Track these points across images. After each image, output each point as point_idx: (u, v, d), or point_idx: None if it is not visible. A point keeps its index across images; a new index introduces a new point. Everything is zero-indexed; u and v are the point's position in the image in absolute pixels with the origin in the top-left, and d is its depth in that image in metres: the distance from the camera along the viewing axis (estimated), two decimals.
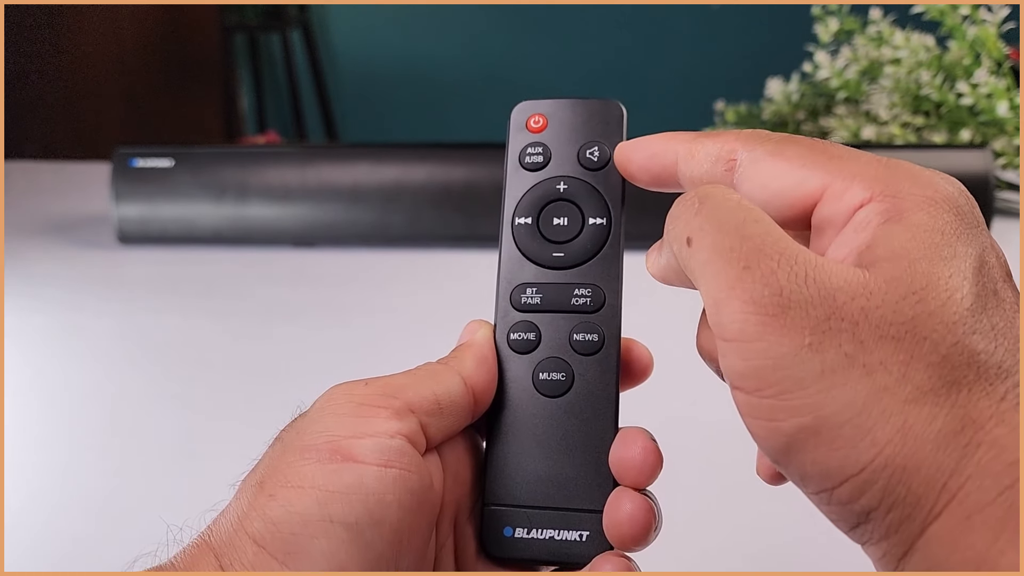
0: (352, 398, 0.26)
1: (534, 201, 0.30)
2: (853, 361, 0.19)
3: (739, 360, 0.20)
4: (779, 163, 0.23)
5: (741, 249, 0.21)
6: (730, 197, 0.23)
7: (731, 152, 0.25)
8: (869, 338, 0.19)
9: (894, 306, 0.20)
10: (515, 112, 0.31)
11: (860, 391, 0.19)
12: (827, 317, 0.20)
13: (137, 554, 0.24)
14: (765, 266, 0.20)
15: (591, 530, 0.27)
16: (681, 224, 0.23)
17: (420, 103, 2.62)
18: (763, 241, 0.21)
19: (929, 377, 0.19)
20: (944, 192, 0.22)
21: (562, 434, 0.28)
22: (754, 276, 0.20)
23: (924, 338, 0.19)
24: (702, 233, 0.22)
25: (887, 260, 0.20)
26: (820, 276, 0.20)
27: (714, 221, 0.22)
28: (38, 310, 0.71)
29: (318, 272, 0.79)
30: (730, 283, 0.21)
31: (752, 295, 0.20)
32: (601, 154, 0.29)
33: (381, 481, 0.24)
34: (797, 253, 0.21)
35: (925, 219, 0.21)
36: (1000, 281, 0.21)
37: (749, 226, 0.21)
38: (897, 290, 0.20)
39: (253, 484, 0.24)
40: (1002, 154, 0.86)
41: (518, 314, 0.29)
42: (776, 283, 0.20)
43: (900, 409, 0.19)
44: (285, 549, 0.22)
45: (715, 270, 0.21)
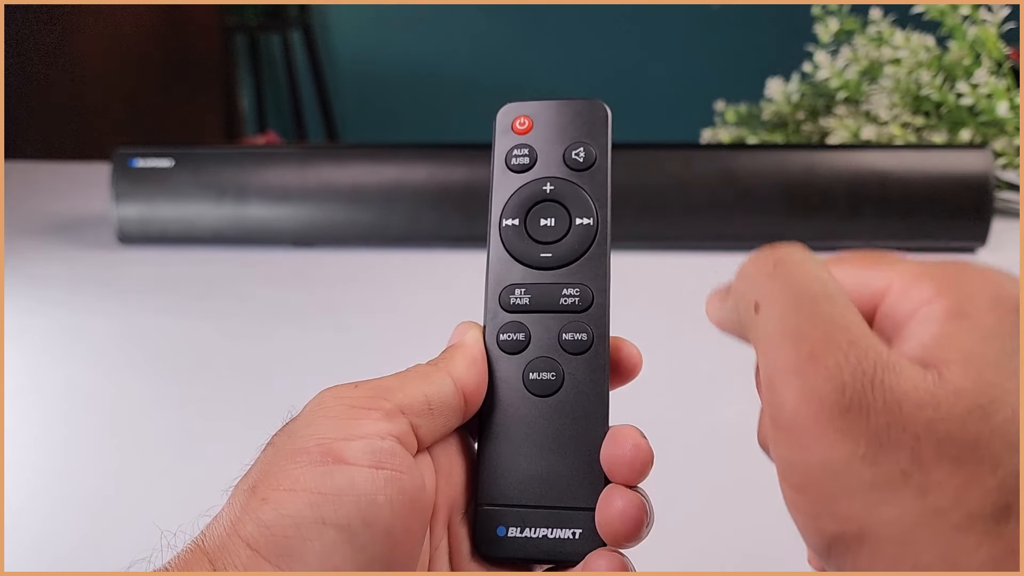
0: (342, 401, 0.26)
1: (521, 202, 0.30)
2: (908, 479, 0.18)
3: (787, 452, 0.20)
4: (843, 266, 0.23)
5: (810, 332, 0.20)
6: (807, 267, 0.22)
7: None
8: (929, 456, 0.18)
9: (959, 421, 0.18)
10: (500, 114, 0.31)
11: (910, 511, 0.18)
12: (887, 426, 0.18)
13: (133, 559, 0.24)
14: (832, 359, 0.19)
15: (584, 528, 0.27)
16: (751, 285, 0.22)
17: (420, 103, 2.62)
18: (834, 326, 0.20)
19: (982, 504, 0.18)
20: (1011, 292, 0.20)
21: (553, 433, 0.28)
22: (818, 368, 0.19)
23: (984, 460, 0.18)
24: (771, 302, 0.21)
25: (955, 363, 0.19)
26: (888, 379, 0.19)
27: (786, 292, 0.21)
28: (38, 310, 0.71)
29: (318, 272, 0.79)
30: (793, 368, 0.20)
31: (813, 387, 0.19)
32: (587, 154, 0.30)
33: (373, 482, 0.24)
34: (868, 348, 0.19)
35: (993, 321, 0.20)
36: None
37: (822, 305, 0.20)
38: (963, 402, 0.19)
39: (246, 488, 0.24)
40: (1002, 154, 0.86)
41: (507, 315, 0.29)
42: (840, 380, 0.19)
43: (948, 535, 0.18)
44: (278, 552, 0.23)
45: (779, 350, 0.20)
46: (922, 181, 0.74)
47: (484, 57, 2.56)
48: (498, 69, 2.55)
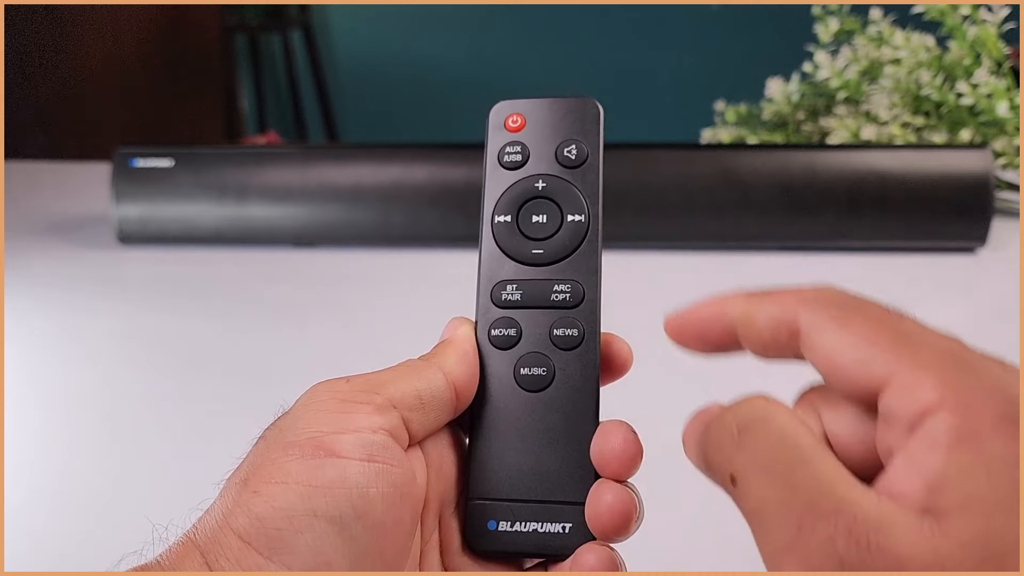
0: (334, 395, 0.26)
1: (513, 199, 0.30)
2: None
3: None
4: (844, 336, 0.22)
5: (792, 504, 0.19)
6: (772, 426, 0.21)
7: (793, 317, 0.23)
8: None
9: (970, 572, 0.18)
10: (493, 112, 0.31)
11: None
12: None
13: (124, 553, 0.24)
14: (822, 531, 0.19)
15: (574, 522, 0.27)
16: (722, 458, 0.22)
17: (420, 103, 2.62)
18: (816, 493, 0.19)
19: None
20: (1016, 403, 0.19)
21: (544, 428, 0.28)
22: (809, 543, 0.19)
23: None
24: (746, 476, 0.21)
25: (960, 511, 0.18)
26: (885, 543, 0.18)
27: (758, 462, 0.21)
28: (38, 310, 0.71)
29: (318, 272, 0.79)
30: (785, 545, 0.19)
31: (810, 564, 0.19)
32: (578, 152, 0.30)
33: (364, 475, 0.24)
34: (855, 510, 0.19)
35: (1000, 448, 0.19)
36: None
37: (797, 471, 0.20)
38: (972, 555, 0.18)
39: (237, 481, 0.24)
40: (1002, 154, 0.86)
41: (499, 310, 0.29)
42: (836, 553, 0.18)
43: None
44: (270, 544, 0.23)
45: (766, 525, 0.20)
46: (922, 181, 0.74)
47: (484, 57, 2.56)
48: (498, 69, 2.55)
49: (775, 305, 0.23)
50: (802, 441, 0.21)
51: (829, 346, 0.22)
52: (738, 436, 0.22)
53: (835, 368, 0.22)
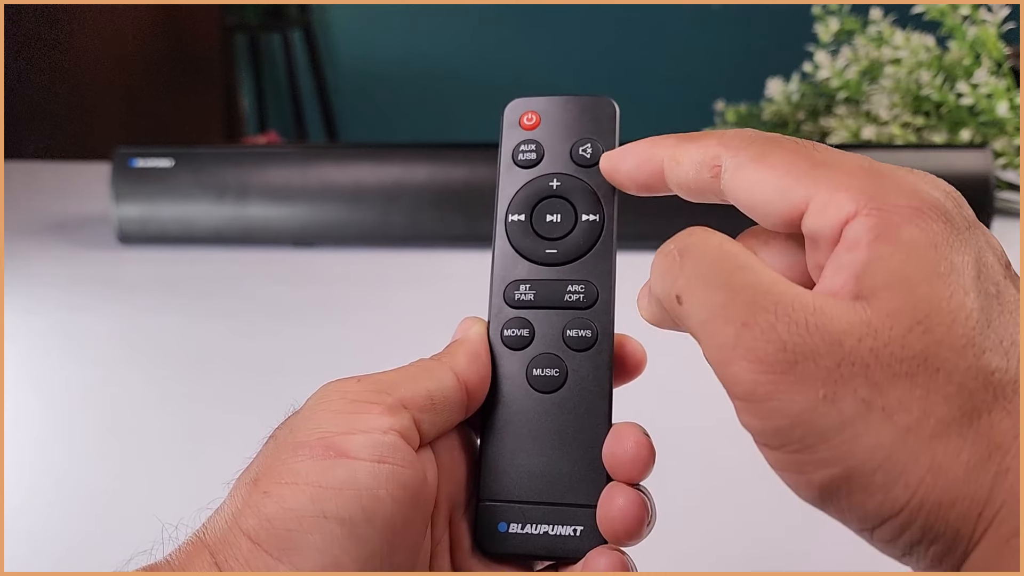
0: (345, 395, 0.26)
1: (527, 198, 0.30)
2: (871, 406, 0.19)
3: (755, 419, 0.20)
4: (762, 170, 0.23)
5: (734, 304, 0.21)
6: (710, 245, 0.22)
7: (715, 158, 0.24)
8: (883, 379, 0.19)
9: (901, 341, 0.19)
10: (508, 109, 0.31)
11: (884, 435, 0.19)
12: (837, 364, 0.19)
13: (133, 552, 0.24)
14: (763, 320, 0.20)
15: (585, 525, 0.27)
16: (667, 281, 0.23)
17: (420, 103, 2.62)
18: (755, 292, 0.21)
19: (949, 409, 0.19)
20: (930, 199, 0.21)
21: (556, 430, 0.28)
22: (754, 333, 0.20)
23: (937, 369, 0.19)
24: (690, 290, 0.22)
25: (885, 288, 0.20)
26: (822, 322, 0.20)
27: (699, 276, 0.22)
28: (38, 310, 0.71)
29: (318, 272, 0.79)
30: (731, 343, 0.20)
31: (756, 354, 0.20)
32: (594, 151, 0.29)
33: (374, 477, 0.24)
34: (793, 300, 0.20)
35: (916, 233, 0.20)
36: (1001, 279, 0.21)
37: (737, 276, 0.21)
38: (901, 323, 0.19)
39: (247, 482, 0.24)
40: (1002, 154, 0.86)
41: (511, 310, 0.29)
42: (778, 338, 0.20)
43: (927, 447, 0.19)
44: (280, 545, 0.23)
45: (712, 330, 0.21)
46: None
47: (484, 57, 2.56)
48: (498, 69, 2.55)
49: (699, 147, 0.25)
50: (738, 253, 0.22)
51: (750, 182, 0.23)
52: (679, 258, 0.23)
53: (758, 202, 0.23)
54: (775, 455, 0.21)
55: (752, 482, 0.27)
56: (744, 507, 0.44)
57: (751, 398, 0.20)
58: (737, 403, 0.21)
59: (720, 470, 0.47)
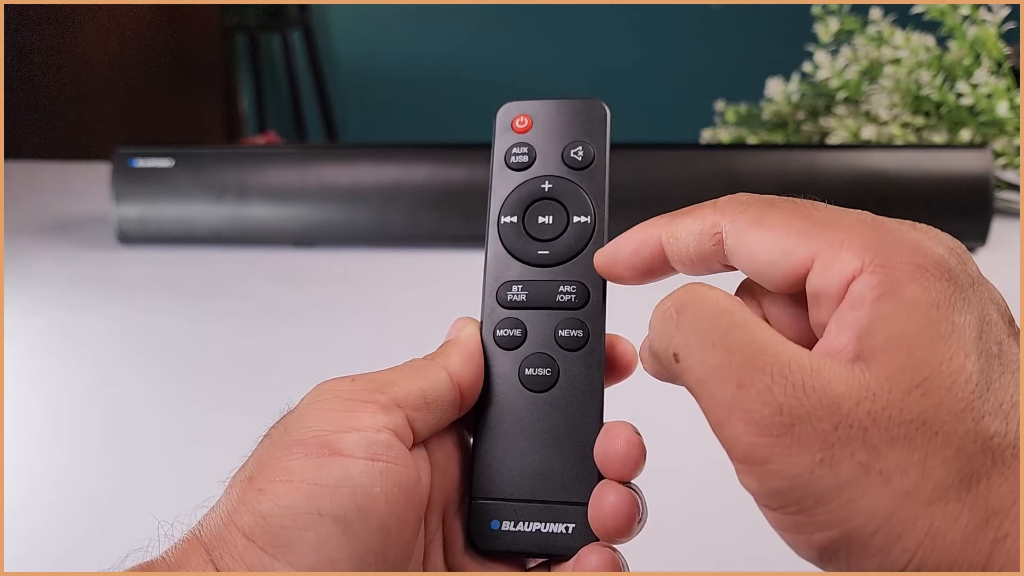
0: (339, 394, 0.26)
1: (519, 200, 0.30)
2: (869, 469, 0.19)
3: (753, 481, 0.20)
4: (763, 233, 0.23)
5: (731, 364, 0.21)
6: (706, 302, 0.22)
7: (714, 226, 0.24)
8: (881, 442, 0.19)
9: (900, 404, 0.19)
10: (500, 113, 0.31)
11: (882, 499, 0.19)
12: (835, 428, 0.19)
13: (130, 549, 0.24)
14: (760, 382, 0.20)
15: (577, 522, 0.27)
16: (665, 339, 0.23)
17: (420, 103, 2.62)
18: (751, 351, 0.20)
19: (947, 473, 0.19)
20: (934, 256, 0.21)
21: (548, 428, 0.28)
22: (750, 395, 0.20)
23: (935, 433, 0.19)
24: (687, 350, 0.22)
25: (885, 350, 0.20)
26: (819, 384, 0.20)
27: (695, 335, 0.22)
28: (38, 310, 0.71)
29: (318, 272, 0.79)
30: (728, 403, 0.20)
31: (752, 415, 0.20)
32: (585, 153, 0.30)
33: (368, 474, 0.24)
34: (789, 360, 0.20)
35: (919, 292, 0.20)
36: (1005, 337, 0.21)
37: (733, 335, 0.21)
38: (900, 386, 0.19)
39: (242, 479, 0.24)
40: (1002, 154, 0.86)
41: (504, 311, 0.29)
42: (775, 400, 0.20)
43: (925, 511, 0.19)
44: (275, 542, 0.23)
45: (709, 390, 0.21)
46: (922, 181, 0.74)
47: (484, 57, 2.56)
48: (498, 69, 2.55)
49: (694, 219, 0.25)
50: (736, 310, 0.22)
51: (752, 246, 0.23)
52: (676, 316, 0.23)
53: (761, 265, 0.23)
54: (774, 515, 0.21)
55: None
56: (737, 506, 0.44)
57: (748, 460, 0.20)
58: (736, 464, 0.21)
59: (712, 468, 0.47)
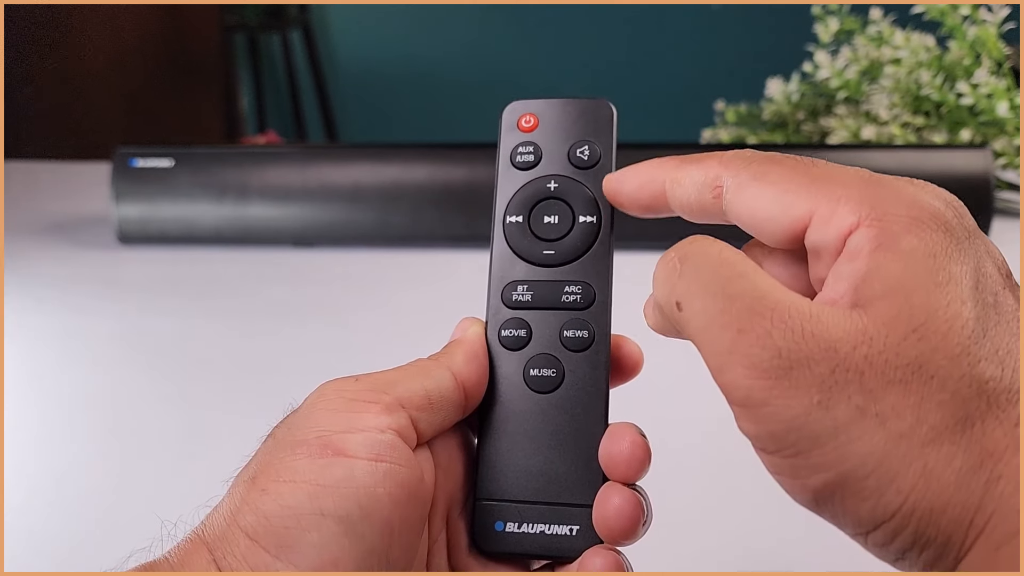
0: (343, 394, 0.26)
1: (525, 200, 0.30)
2: (865, 412, 0.19)
3: (751, 425, 0.21)
4: (764, 188, 0.23)
5: (731, 311, 0.21)
6: (709, 253, 0.23)
7: (716, 178, 0.25)
8: (877, 386, 0.19)
9: (896, 348, 0.19)
10: (506, 112, 0.31)
11: (877, 441, 0.19)
12: (831, 371, 0.19)
13: (133, 549, 0.24)
14: (760, 327, 0.20)
15: (581, 524, 0.27)
16: (667, 288, 0.23)
17: (420, 103, 2.62)
18: (752, 299, 0.21)
19: (942, 416, 0.19)
20: (930, 209, 0.21)
21: (552, 430, 0.28)
22: (750, 340, 0.20)
23: (931, 377, 0.19)
24: (689, 297, 0.22)
25: (882, 297, 0.20)
26: (817, 329, 0.20)
27: (698, 283, 0.22)
28: (38, 310, 0.71)
29: (318, 272, 0.79)
30: (728, 348, 0.21)
31: (752, 359, 0.20)
32: (591, 153, 0.30)
33: (372, 475, 0.24)
34: (789, 306, 0.20)
35: (915, 243, 0.21)
36: (1001, 289, 0.21)
37: (734, 284, 0.21)
38: (897, 331, 0.20)
39: (246, 479, 0.24)
40: (1002, 154, 0.86)
41: (509, 311, 0.29)
42: (773, 344, 0.20)
43: (919, 453, 0.19)
44: (278, 542, 0.23)
45: (710, 337, 0.21)
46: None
47: (484, 57, 2.56)
48: (498, 69, 2.55)
49: (700, 168, 0.25)
50: (738, 261, 0.22)
51: (752, 200, 0.24)
52: (680, 266, 0.23)
53: (761, 220, 0.23)
54: (771, 459, 0.21)
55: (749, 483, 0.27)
56: (742, 508, 0.44)
57: (747, 403, 0.20)
58: (734, 408, 0.21)
59: (717, 470, 0.47)
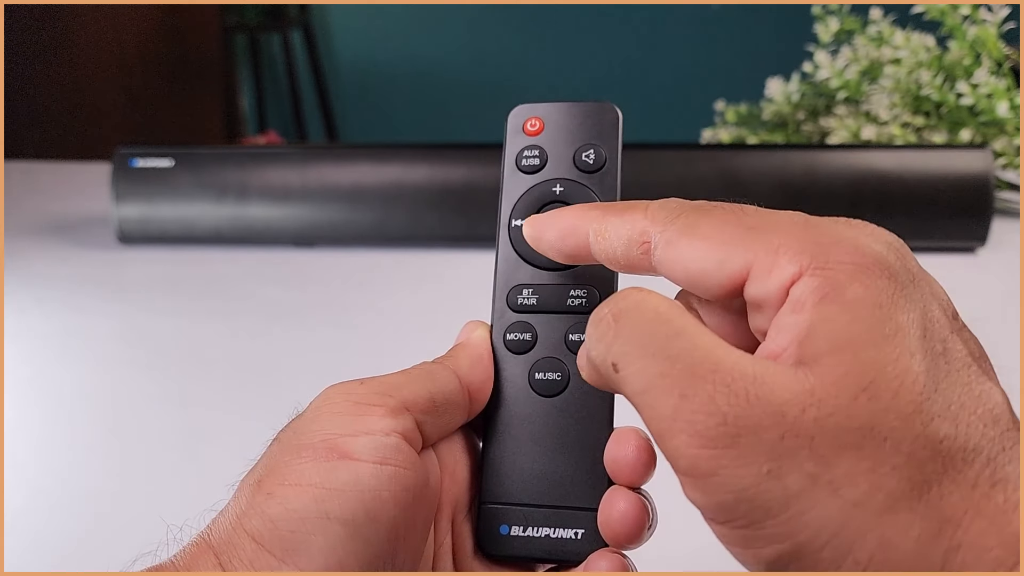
0: (348, 397, 0.26)
1: (530, 203, 0.30)
2: (817, 480, 0.18)
3: (699, 495, 0.20)
4: (695, 243, 0.22)
5: (672, 375, 0.20)
6: (645, 308, 0.21)
7: (642, 233, 0.24)
8: (829, 451, 0.18)
9: (847, 411, 0.18)
10: (512, 115, 0.31)
11: (832, 511, 0.18)
12: (780, 438, 0.18)
13: (137, 554, 0.24)
14: (703, 392, 0.19)
15: (586, 528, 0.27)
16: (602, 348, 0.22)
17: (420, 103, 2.62)
18: (692, 360, 0.20)
19: (898, 481, 0.18)
20: (873, 254, 0.20)
21: (557, 433, 0.28)
22: (693, 405, 0.19)
23: (884, 439, 0.18)
24: (626, 359, 0.21)
25: (829, 354, 0.19)
26: (763, 392, 0.19)
27: (635, 343, 0.21)
28: (38, 310, 0.71)
29: (318, 272, 0.79)
30: (670, 415, 0.20)
31: (696, 427, 0.19)
32: (596, 156, 0.30)
33: (377, 478, 0.24)
34: (731, 368, 0.19)
35: (861, 292, 0.20)
36: (948, 334, 0.20)
37: (673, 344, 0.20)
38: (846, 391, 0.18)
39: (251, 483, 0.24)
40: (1002, 154, 0.86)
41: (514, 315, 0.29)
42: (718, 410, 0.19)
43: (876, 523, 0.18)
44: (283, 546, 0.23)
45: (650, 401, 0.20)
46: (922, 181, 0.74)
47: (484, 57, 2.56)
48: (498, 69, 2.55)
49: (624, 222, 0.24)
50: (676, 317, 0.21)
51: (684, 256, 0.23)
52: (615, 324, 0.22)
53: (694, 275, 0.22)
54: (721, 530, 0.20)
55: None
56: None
57: (693, 473, 0.19)
58: (680, 477, 0.20)
59: None
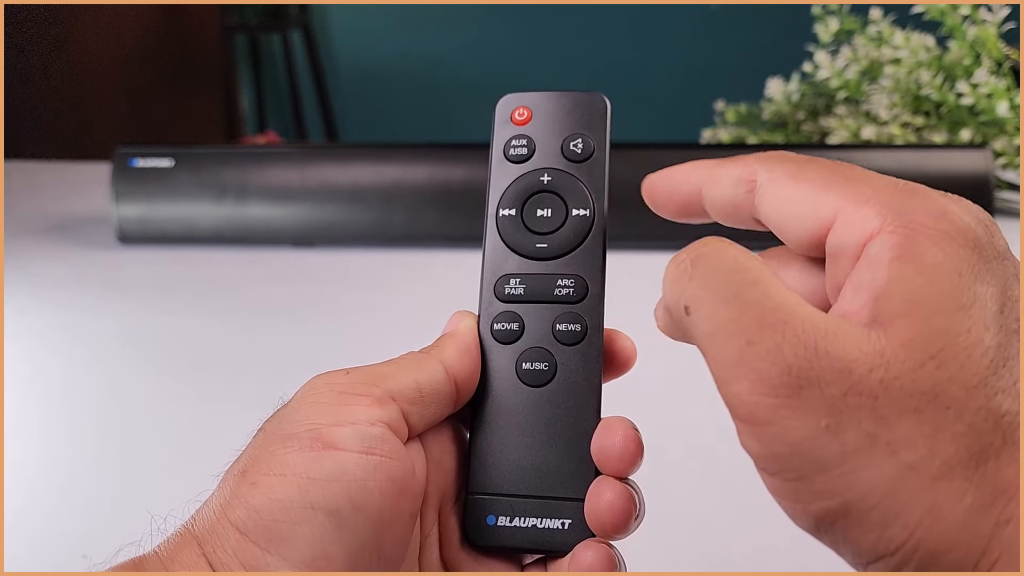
0: (333, 387, 0.26)
1: (518, 193, 0.30)
2: (875, 440, 0.18)
3: (754, 443, 0.20)
4: (798, 185, 0.23)
5: (741, 320, 0.20)
6: (723, 256, 0.22)
7: (752, 173, 0.24)
8: (890, 413, 0.18)
9: (913, 375, 0.18)
10: (500, 105, 0.31)
11: (886, 472, 0.18)
12: (843, 394, 0.18)
13: (121, 544, 0.24)
14: (770, 340, 0.19)
15: (573, 518, 0.27)
16: (677, 290, 0.22)
17: (420, 103, 2.62)
18: (764, 309, 0.20)
19: (956, 449, 0.18)
20: (960, 224, 0.20)
21: (545, 423, 0.28)
22: (759, 352, 0.19)
23: (947, 407, 0.18)
24: (698, 302, 0.21)
25: (903, 316, 0.19)
26: (832, 347, 0.19)
27: (709, 288, 0.21)
28: (38, 310, 0.71)
29: (318, 272, 0.79)
30: (735, 360, 0.19)
31: (759, 374, 0.19)
32: (585, 146, 0.30)
33: (362, 468, 0.24)
34: (803, 320, 0.19)
35: (940, 258, 0.19)
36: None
37: (747, 291, 0.20)
38: (915, 355, 0.18)
39: (236, 473, 0.24)
40: (1002, 154, 0.86)
41: (502, 304, 0.29)
42: (784, 360, 0.19)
43: (929, 487, 0.18)
44: (267, 536, 0.23)
45: (717, 345, 0.20)
46: (922, 181, 0.73)
47: (484, 57, 2.56)
48: (498, 69, 2.55)
49: (737, 164, 0.24)
50: (753, 267, 0.21)
51: (782, 197, 0.23)
52: (691, 268, 0.22)
53: (787, 218, 0.23)
54: (772, 481, 0.20)
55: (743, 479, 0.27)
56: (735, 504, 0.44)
57: (751, 420, 0.19)
58: (737, 423, 0.20)
59: (710, 465, 0.47)
